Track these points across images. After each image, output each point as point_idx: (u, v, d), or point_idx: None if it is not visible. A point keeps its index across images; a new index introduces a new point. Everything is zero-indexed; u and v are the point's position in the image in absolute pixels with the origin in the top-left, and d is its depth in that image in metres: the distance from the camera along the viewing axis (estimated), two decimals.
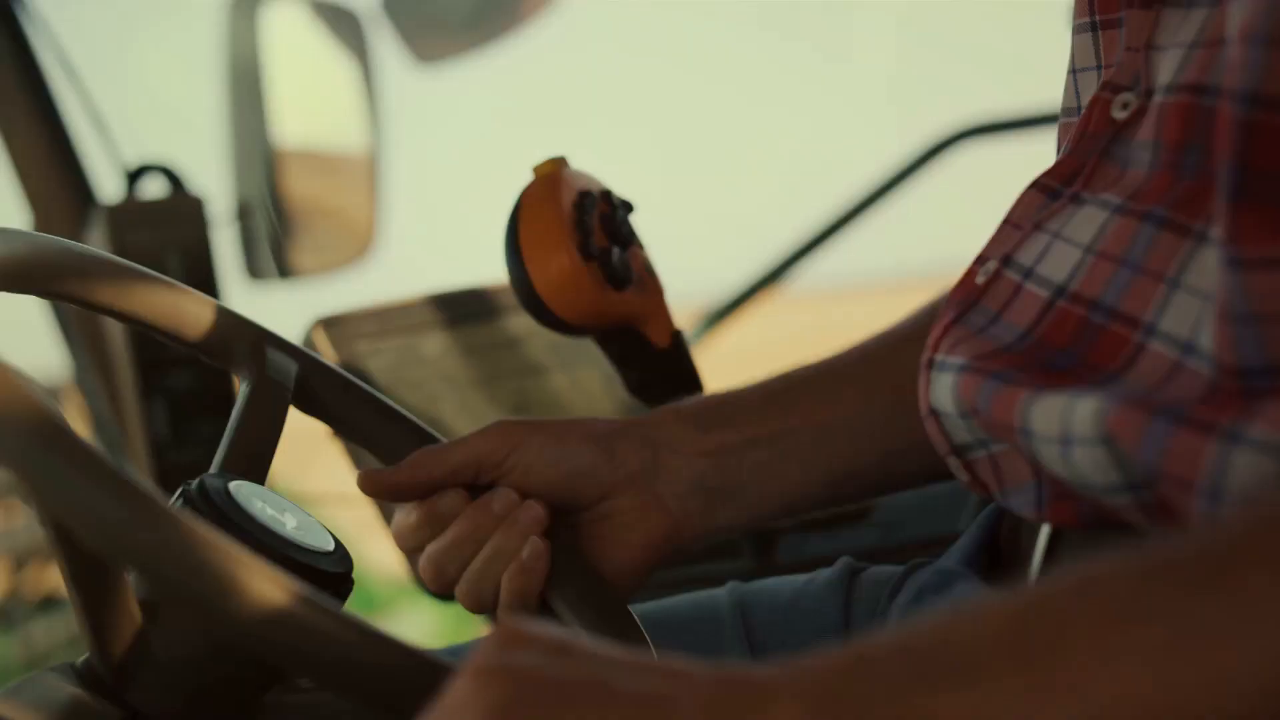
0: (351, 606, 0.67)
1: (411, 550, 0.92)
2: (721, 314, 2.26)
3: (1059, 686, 0.49)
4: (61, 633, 4.86)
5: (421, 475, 0.90)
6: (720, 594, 1.02)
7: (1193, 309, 0.64)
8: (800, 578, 1.01)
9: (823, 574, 1.00)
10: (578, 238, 0.98)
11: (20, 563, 5.59)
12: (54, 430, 0.62)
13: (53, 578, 5.75)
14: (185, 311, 0.88)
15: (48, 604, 5.43)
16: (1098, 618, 0.50)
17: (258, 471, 0.85)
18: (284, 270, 1.80)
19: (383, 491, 0.91)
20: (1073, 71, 0.81)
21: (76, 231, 1.59)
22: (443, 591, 0.92)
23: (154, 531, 0.61)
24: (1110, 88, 0.74)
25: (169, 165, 1.60)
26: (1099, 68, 0.78)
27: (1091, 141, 0.75)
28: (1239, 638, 0.48)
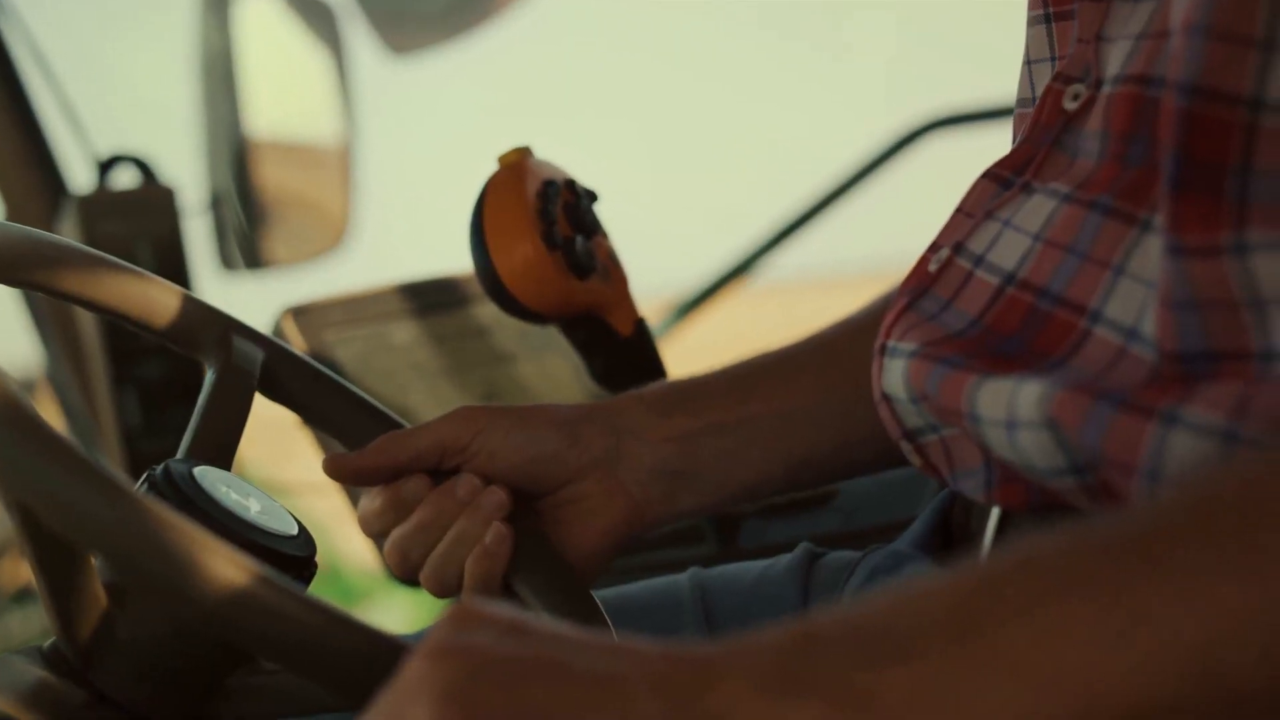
0: (328, 598, 0.68)
1: (376, 535, 0.93)
2: (690, 306, 2.28)
3: (997, 662, 0.50)
4: (37, 624, 4.87)
5: (386, 460, 0.91)
6: (681, 579, 1.04)
7: (1137, 296, 0.66)
8: (760, 563, 1.03)
9: (782, 559, 1.02)
10: (541, 226, 0.99)
11: None
12: (19, 414, 0.63)
13: (29, 571, 5.75)
14: (152, 300, 0.89)
15: (23, 596, 5.43)
16: (1035, 595, 0.51)
17: (223, 458, 0.86)
18: (258, 261, 1.81)
19: (347, 475, 0.92)
20: (1028, 63, 0.82)
21: (48, 222, 1.59)
22: (407, 577, 0.93)
23: (117, 514, 0.62)
24: (1062, 79, 0.76)
25: (140, 156, 1.61)
26: (1053, 59, 0.79)
27: (1043, 132, 0.76)
28: (1171, 614, 0.49)
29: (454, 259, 1.32)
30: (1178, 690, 0.49)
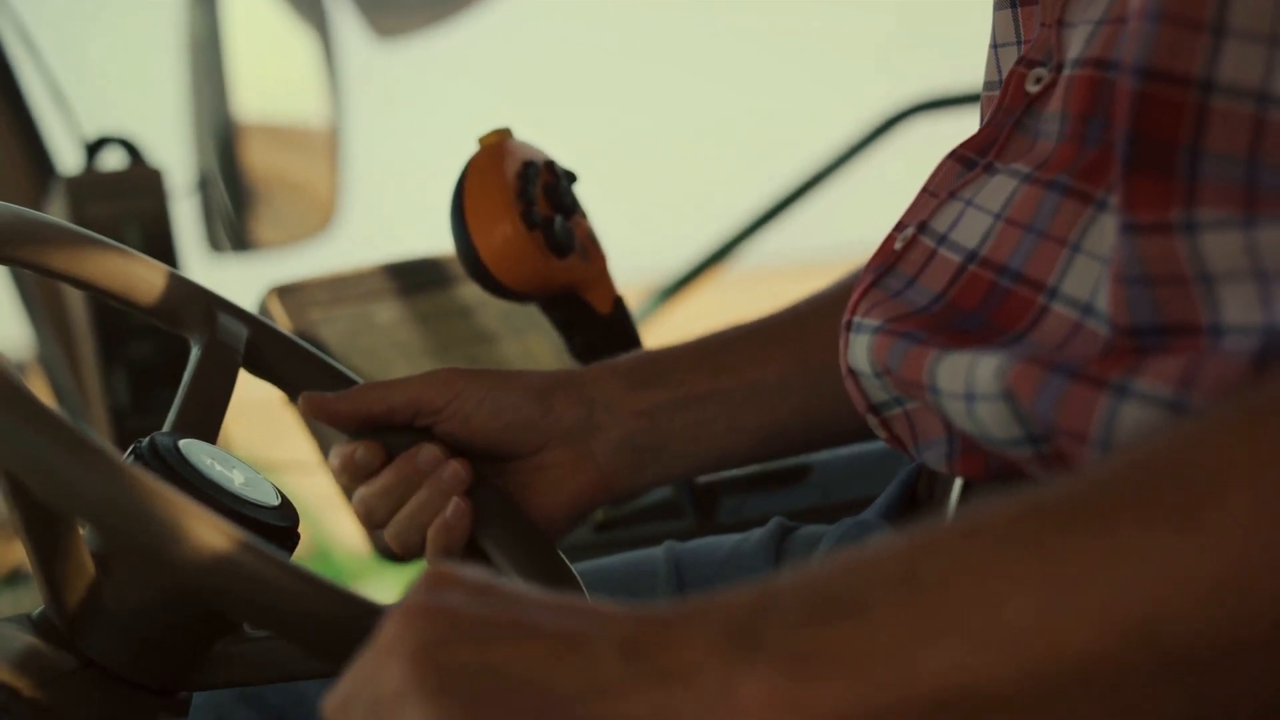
0: None
1: (344, 488, 0.96)
2: (670, 291, 2.29)
3: (941, 618, 0.52)
4: (28, 606, 4.88)
5: (360, 407, 0.94)
6: (656, 552, 1.06)
7: (1092, 273, 0.68)
8: (734, 537, 1.05)
9: (755, 533, 1.04)
10: (521, 206, 1.01)
11: None
12: (6, 386, 0.65)
13: (19, 553, 5.76)
14: (138, 277, 0.91)
15: (14, 578, 5.44)
16: (981, 556, 0.53)
17: (208, 431, 0.88)
18: (244, 243, 1.82)
19: (321, 414, 0.94)
20: (994, 46, 0.84)
21: (36, 203, 1.61)
22: (374, 532, 0.95)
23: (103, 483, 0.64)
24: (1025, 62, 0.78)
25: (128, 137, 1.62)
26: (1019, 43, 0.81)
27: (1006, 114, 0.78)
28: (1111, 575, 0.51)
29: (438, 240, 1.34)
30: (1119, 649, 0.51)
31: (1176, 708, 0.52)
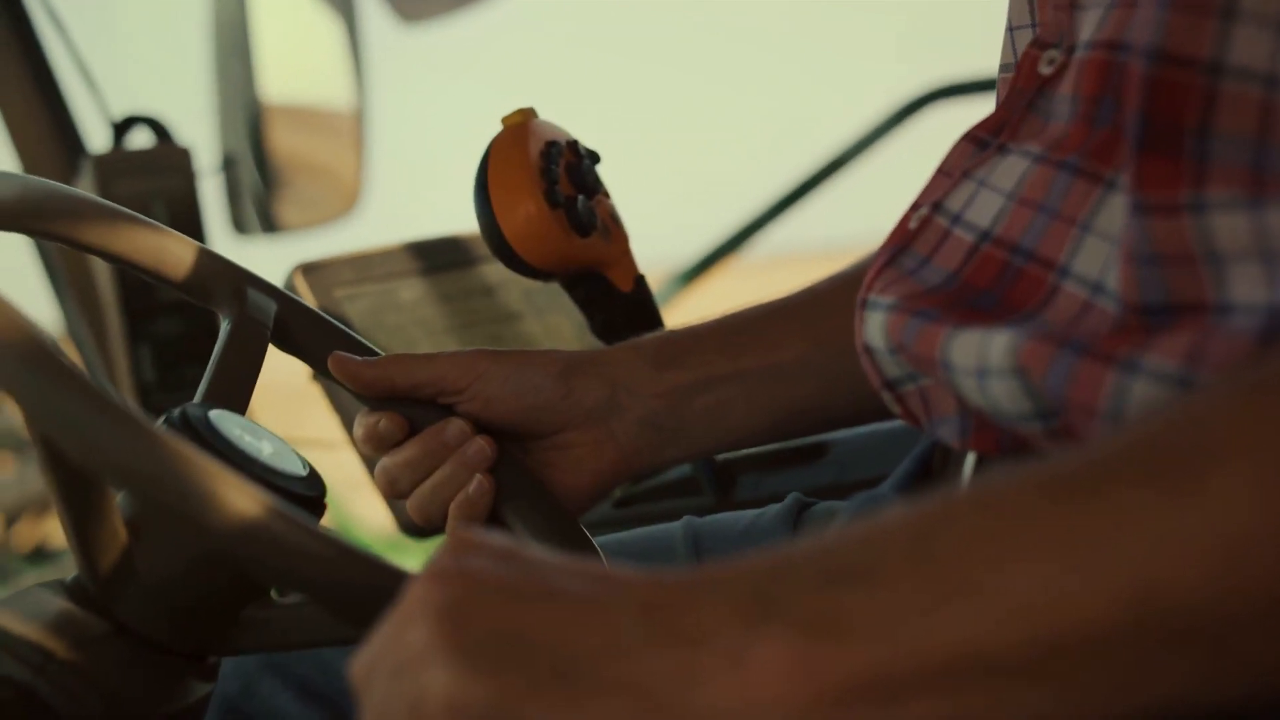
0: None
1: (367, 457, 0.98)
2: (688, 277, 2.30)
3: (950, 586, 0.54)
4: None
5: (385, 377, 0.95)
6: (675, 527, 1.08)
7: (1102, 252, 0.69)
8: (752, 512, 1.06)
9: (772, 508, 1.06)
10: (544, 185, 1.03)
11: (11, 518, 5.63)
12: (46, 354, 0.67)
13: (43, 531, 5.79)
14: (169, 252, 0.93)
15: (38, 556, 5.47)
16: (990, 524, 0.55)
17: (237, 404, 0.89)
18: (268, 224, 1.83)
19: (348, 377, 0.96)
20: (1010, 29, 0.86)
21: (65, 181, 1.62)
22: (394, 499, 0.97)
23: (142, 448, 0.66)
24: (1038, 44, 0.79)
25: (155, 117, 1.64)
26: (1033, 25, 0.82)
27: (1020, 95, 0.79)
28: (1115, 545, 0.53)
29: (457, 222, 1.36)
30: (1123, 618, 0.52)
31: (1179, 677, 0.53)
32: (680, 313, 2.14)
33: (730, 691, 0.54)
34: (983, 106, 0.82)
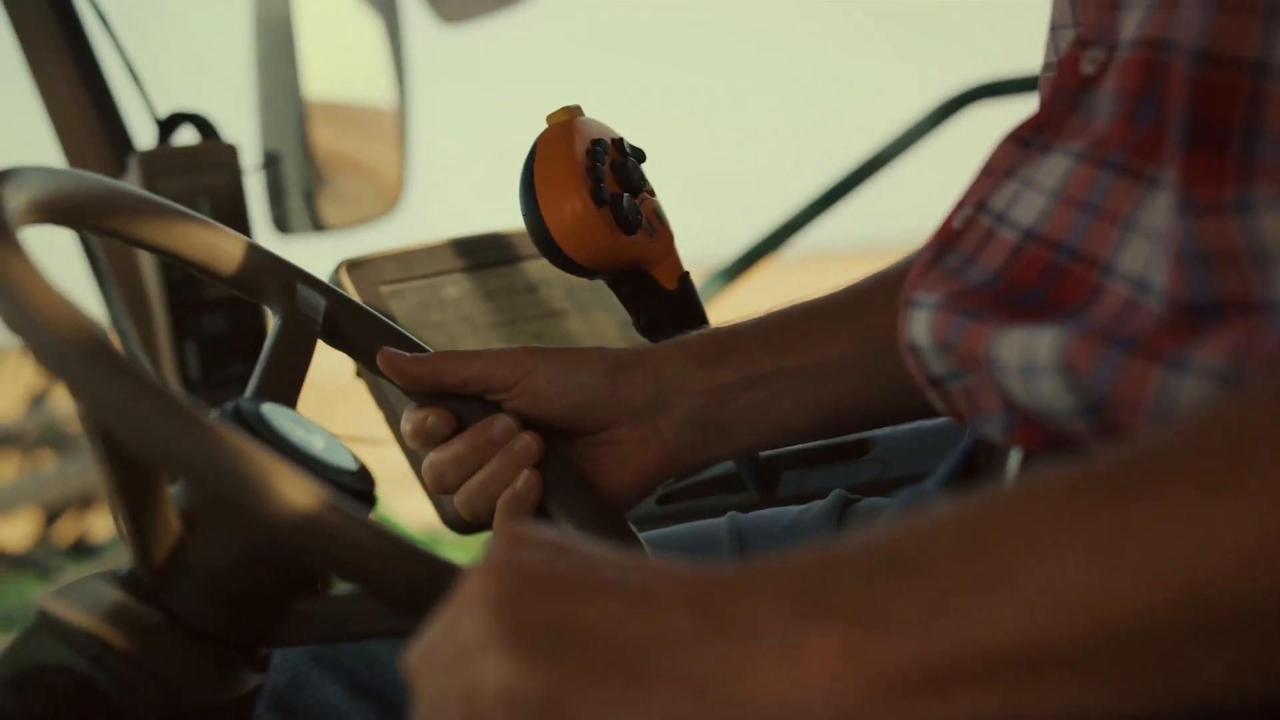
0: None
1: (415, 452, 0.99)
2: (728, 276, 2.30)
3: (996, 578, 0.54)
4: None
5: (433, 374, 0.97)
6: (719, 523, 1.08)
7: (1145, 249, 0.69)
8: (796, 508, 1.07)
9: (816, 505, 1.06)
10: (590, 183, 1.03)
11: (52, 513, 5.67)
12: (106, 348, 0.69)
13: (82, 526, 5.83)
14: (221, 248, 0.94)
15: (76, 550, 5.51)
16: (1034, 519, 0.56)
17: (288, 398, 0.91)
18: (310, 223, 1.85)
19: (396, 373, 0.97)
20: (1052, 29, 0.86)
21: (113, 177, 1.63)
22: (442, 494, 0.98)
23: (201, 441, 0.67)
24: (1080, 44, 0.79)
25: (201, 114, 1.65)
26: (1075, 25, 0.83)
27: (1062, 94, 0.79)
28: (1159, 540, 0.53)
29: (498, 221, 1.36)
30: (1166, 612, 0.53)
31: (1220, 672, 0.54)
32: (721, 311, 2.14)
33: (781, 682, 0.55)
34: (1022, 107, 0.82)
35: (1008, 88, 2.24)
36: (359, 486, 0.83)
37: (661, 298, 1.09)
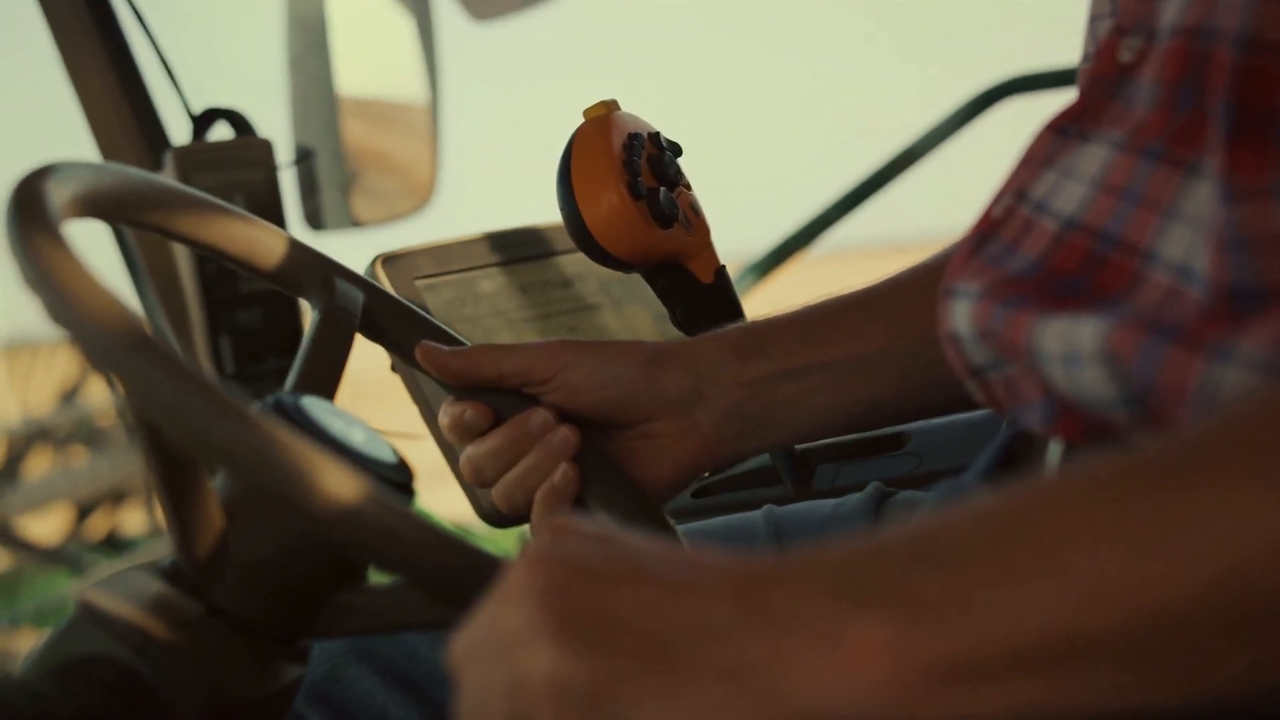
0: None
1: (453, 446, 1.00)
2: (760, 270, 2.30)
3: (1037, 568, 0.55)
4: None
5: (471, 368, 0.97)
6: (756, 516, 1.09)
7: (1187, 236, 0.69)
8: (832, 501, 1.07)
9: (853, 498, 1.07)
10: (626, 177, 1.04)
11: (84, 509, 5.70)
12: (152, 342, 0.69)
13: (114, 521, 5.86)
14: (260, 243, 0.94)
15: (108, 545, 5.54)
16: (1075, 509, 0.56)
17: (326, 392, 0.91)
18: (343, 219, 1.85)
19: (434, 367, 0.97)
20: (1091, 20, 0.86)
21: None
22: (481, 487, 0.99)
23: (247, 433, 0.67)
24: (1118, 32, 0.79)
25: (236, 110, 1.65)
26: (1113, 14, 0.82)
27: (1100, 83, 0.79)
28: (1204, 530, 0.53)
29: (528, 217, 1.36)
30: (1210, 601, 0.53)
31: (1259, 663, 0.54)
32: (752, 306, 2.14)
33: (825, 673, 0.55)
34: (1056, 101, 0.82)
35: (1038, 82, 2.24)
36: (399, 479, 0.83)
37: (698, 291, 1.10)
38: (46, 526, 5.64)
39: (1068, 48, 0.92)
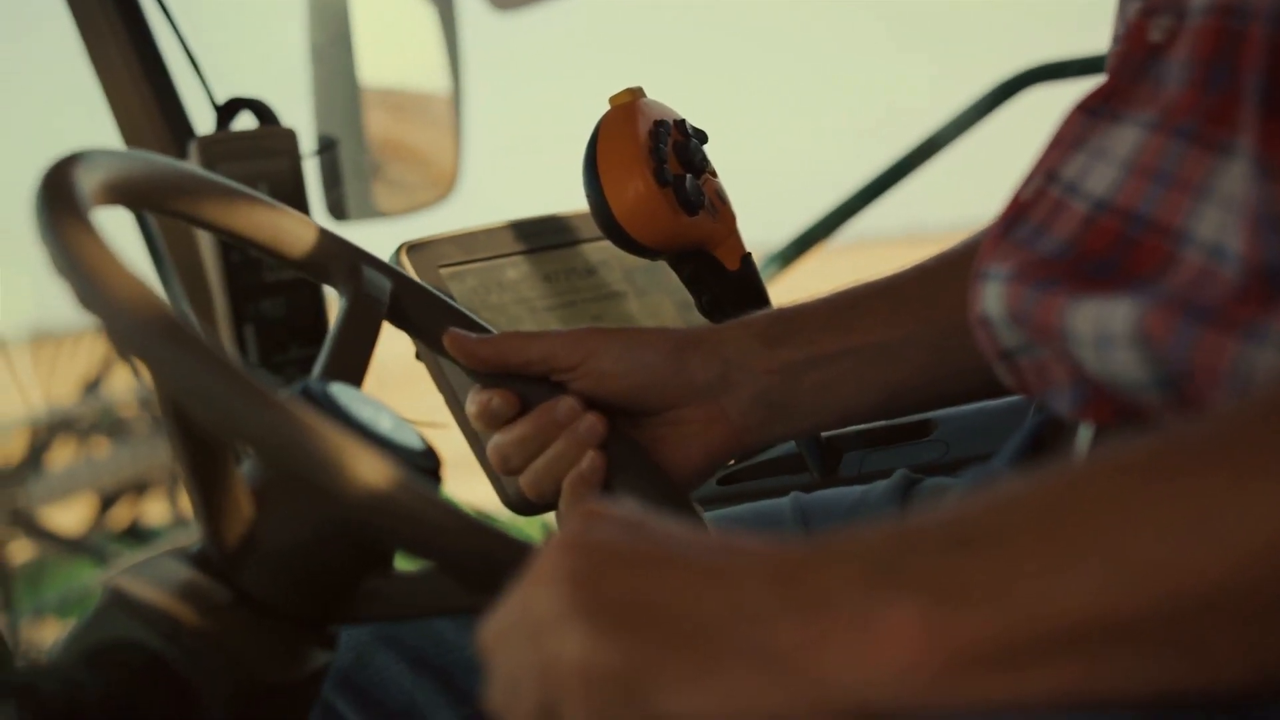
0: None
1: (479, 434, 1.00)
2: (783, 260, 2.30)
3: (1074, 550, 0.54)
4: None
5: (498, 355, 0.97)
6: (783, 503, 1.08)
7: (1219, 217, 0.69)
8: (859, 488, 1.07)
9: (880, 485, 1.06)
10: (652, 164, 1.04)
11: (107, 499, 5.71)
12: (182, 328, 0.69)
13: (136, 511, 5.88)
14: (288, 231, 0.94)
15: (131, 535, 5.55)
16: (1119, 490, 0.55)
17: (354, 379, 0.91)
18: (365, 209, 1.85)
19: (461, 354, 0.97)
20: (1121, 2, 0.86)
21: None
22: (508, 475, 0.98)
23: (280, 420, 0.68)
24: (1148, 12, 0.79)
25: (259, 100, 1.65)
26: None
27: (1129, 63, 0.79)
28: (1239, 508, 0.53)
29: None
30: (1245, 579, 0.53)
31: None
32: (774, 295, 2.14)
33: (858, 657, 0.55)
34: (1078, 90, 0.82)
35: (1061, 70, 2.23)
36: (427, 465, 0.83)
37: (723, 278, 1.10)
38: (70, 517, 5.65)
39: (1090, 38, 0.92)
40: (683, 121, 1.08)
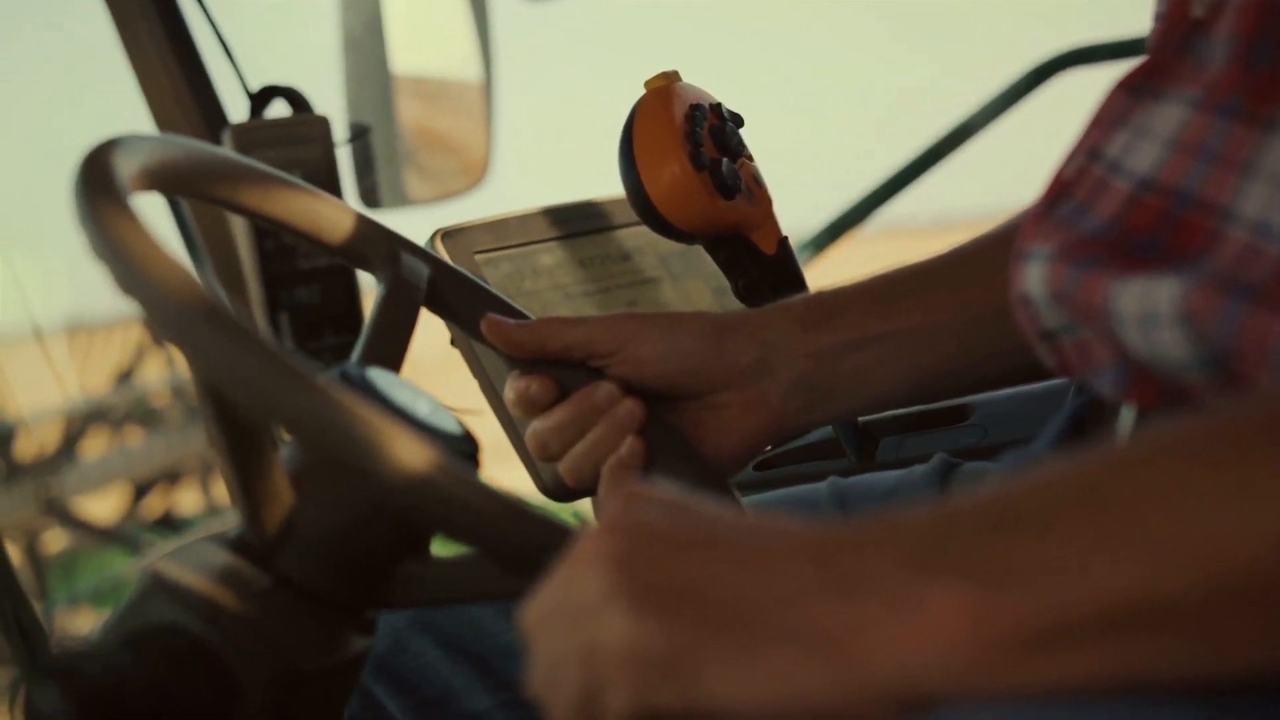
0: None
1: (518, 420, 0.99)
2: (816, 246, 2.30)
3: (1127, 534, 0.54)
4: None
5: (536, 340, 0.97)
6: (820, 488, 1.08)
7: (1265, 194, 0.68)
8: (897, 473, 1.07)
9: (918, 469, 1.06)
10: (689, 148, 1.04)
11: (140, 488, 5.74)
12: (221, 312, 0.70)
13: (169, 500, 5.90)
14: (325, 217, 0.95)
15: (164, 525, 5.58)
16: (1156, 472, 0.55)
17: (392, 364, 0.91)
18: (397, 197, 1.85)
19: (499, 339, 0.97)
20: None
21: None
22: (547, 461, 0.98)
23: (316, 400, 0.68)
24: None
25: (293, 87, 1.66)
26: None
27: (1171, 39, 0.78)
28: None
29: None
30: None
31: None
32: (809, 280, 2.14)
33: (901, 639, 0.55)
34: (1114, 73, 0.81)
35: (1096, 54, 2.22)
36: (466, 450, 0.83)
37: (760, 262, 1.09)
38: (103, 506, 5.68)
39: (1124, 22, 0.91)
40: (719, 105, 1.08)
